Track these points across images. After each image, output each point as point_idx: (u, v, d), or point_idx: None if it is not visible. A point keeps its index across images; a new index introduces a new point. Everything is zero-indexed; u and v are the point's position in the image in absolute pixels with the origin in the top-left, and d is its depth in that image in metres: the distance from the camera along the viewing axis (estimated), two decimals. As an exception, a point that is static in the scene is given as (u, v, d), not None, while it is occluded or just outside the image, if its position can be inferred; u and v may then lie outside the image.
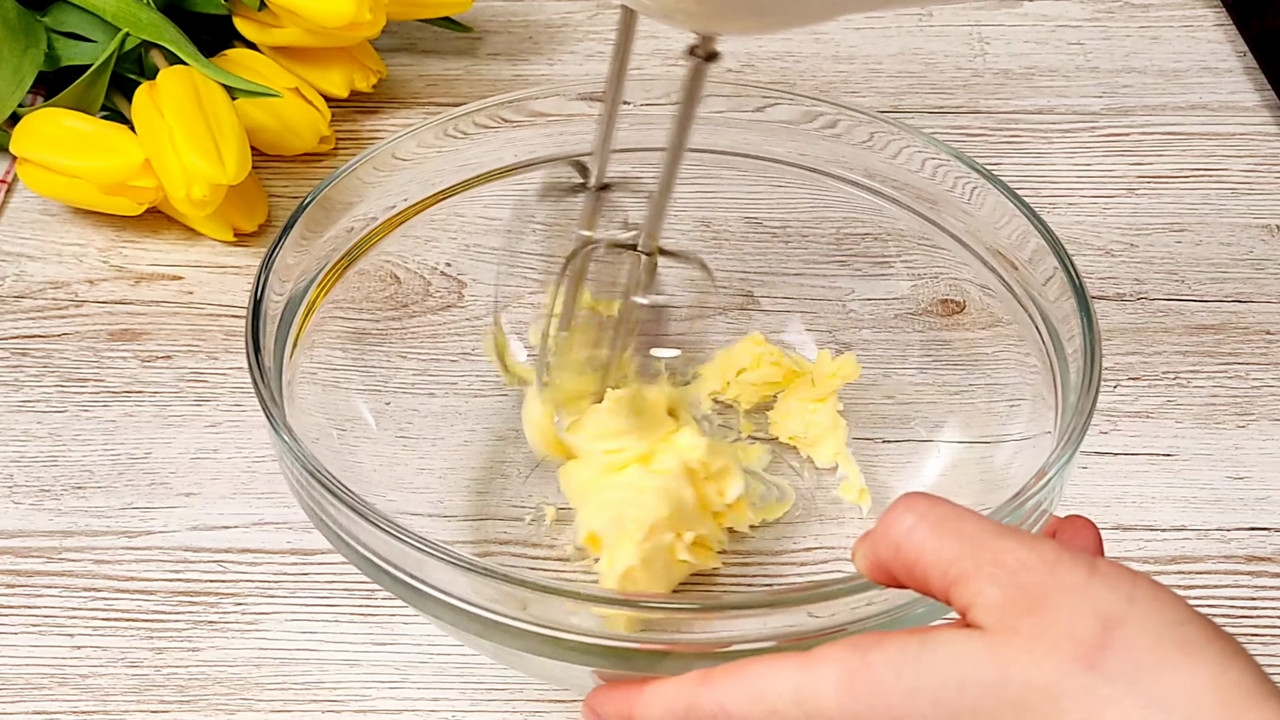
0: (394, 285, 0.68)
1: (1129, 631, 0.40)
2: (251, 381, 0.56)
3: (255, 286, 0.58)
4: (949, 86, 0.92)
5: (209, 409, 0.73)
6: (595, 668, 0.51)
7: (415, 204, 0.66)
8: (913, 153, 0.66)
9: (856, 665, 0.43)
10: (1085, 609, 0.41)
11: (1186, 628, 0.41)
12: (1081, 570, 0.42)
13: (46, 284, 0.79)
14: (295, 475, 0.54)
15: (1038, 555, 0.42)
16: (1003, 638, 0.41)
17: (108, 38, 0.83)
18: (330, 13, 0.81)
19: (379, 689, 0.63)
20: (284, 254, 0.60)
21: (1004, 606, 0.41)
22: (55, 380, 0.74)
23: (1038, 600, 0.41)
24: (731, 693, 0.46)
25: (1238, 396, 0.74)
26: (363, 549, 0.53)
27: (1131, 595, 0.41)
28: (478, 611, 0.50)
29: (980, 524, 0.43)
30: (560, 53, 0.94)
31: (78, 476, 0.70)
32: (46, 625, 0.64)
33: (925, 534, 0.43)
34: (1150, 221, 0.83)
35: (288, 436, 0.54)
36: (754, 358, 0.69)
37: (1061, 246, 0.60)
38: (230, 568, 0.67)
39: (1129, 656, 0.40)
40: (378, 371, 0.67)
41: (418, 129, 0.65)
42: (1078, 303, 0.58)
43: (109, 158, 0.78)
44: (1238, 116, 0.90)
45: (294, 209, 0.61)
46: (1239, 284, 0.80)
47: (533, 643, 0.50)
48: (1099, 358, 0.56)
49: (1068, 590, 0.41)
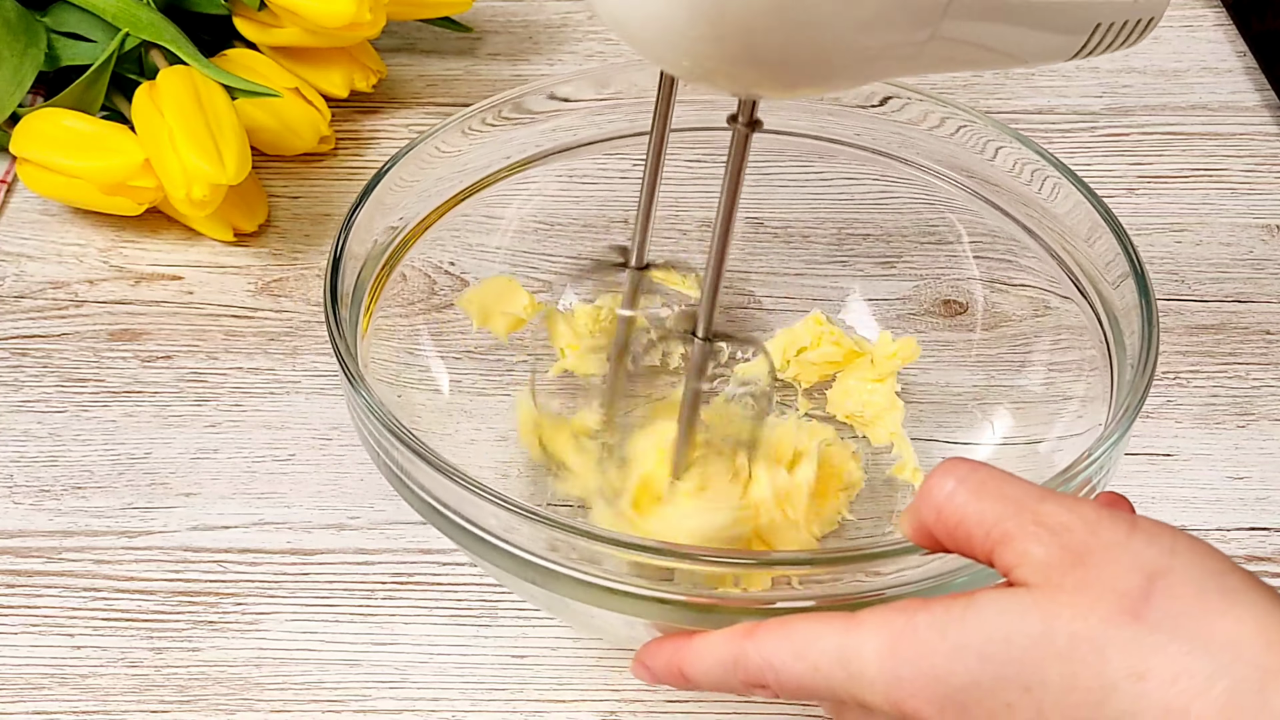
0: (401, 283, 0.67)
1: (1171, 581, 0.41)
2: (331, 344, 0.56)
3: (335, 244, 0.59)
4: (949, 86, 0.92)
5: (209, 409, 0.73)
6: (644, 618, 0.52)
7: (446, 201, 0.67)
8: (983, 141, 0.66)
9: (901, 627, 0.44)
10: (1128, 562, 0.41)
11: (1228, 576, 0.42)
12: (1122, 527, 0.42)
13: (46, 284, 0.79)
14: (369, 428, 0.55)
15: (1079, 516, 0.43)
16: (1048, 593, 0.42)
17: (108, 38, 0.83)
18: (330, 13, 0.81)
19: (379, 689, 0.63)
20: (361, 219, 0.60)
21: (1048, 564, 0.42)
22: (55, 380, 0.74)
23: (1080, 557, 0.42)
24: (777, 648, 0.46)
25: (1238, 396, 0.74)
26: (432, 499, 0.54)
27: (1173, 548, 0.42)
28: (531, 558, 0.51)
29: (1021, 486, 0.44)
30: (560, 53, 0.94)
31: (78, 476, 0.70)
32: (46, 625, 0.64)
33: (966, 497, 0.44)
34: (1150, 221, 0.83)
35: (365, 392, 0.54)
36: (815, 337, 0.69)
37: (1126, 234, 0.60)
38: (230, 568, 0.67)
39: (1173, 605, 0.41)
40: (388, 365, 0.67)
41: (446, 125, 0.65)
42: (1135, 280, 0.58)
43: (109, 158, 0.78)
44: (1238, 116, 0.90)
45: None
46: (1239, 284, 0.80)
47: (581, 590, 0.51)
48: (1157, 331, 0.56)
49: (1110, 546, 0.42)
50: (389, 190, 0.63)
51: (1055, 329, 0.65)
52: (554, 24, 0.96)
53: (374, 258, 0.63)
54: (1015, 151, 0.65)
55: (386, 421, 0.54)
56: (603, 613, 0.52)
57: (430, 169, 0.65)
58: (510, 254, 0.70)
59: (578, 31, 0.95)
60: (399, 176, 0.64)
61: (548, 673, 0.63)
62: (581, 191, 0.71)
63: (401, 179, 0.64)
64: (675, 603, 0.50)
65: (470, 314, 0.68)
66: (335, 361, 0.56)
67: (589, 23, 0.96)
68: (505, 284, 0.69)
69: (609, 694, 0.63)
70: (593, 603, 0.52)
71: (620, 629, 0.55)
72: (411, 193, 0.65)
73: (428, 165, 0.65)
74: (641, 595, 0.50)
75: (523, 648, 0.64)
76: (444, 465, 0.52)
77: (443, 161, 0.66)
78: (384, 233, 0.64)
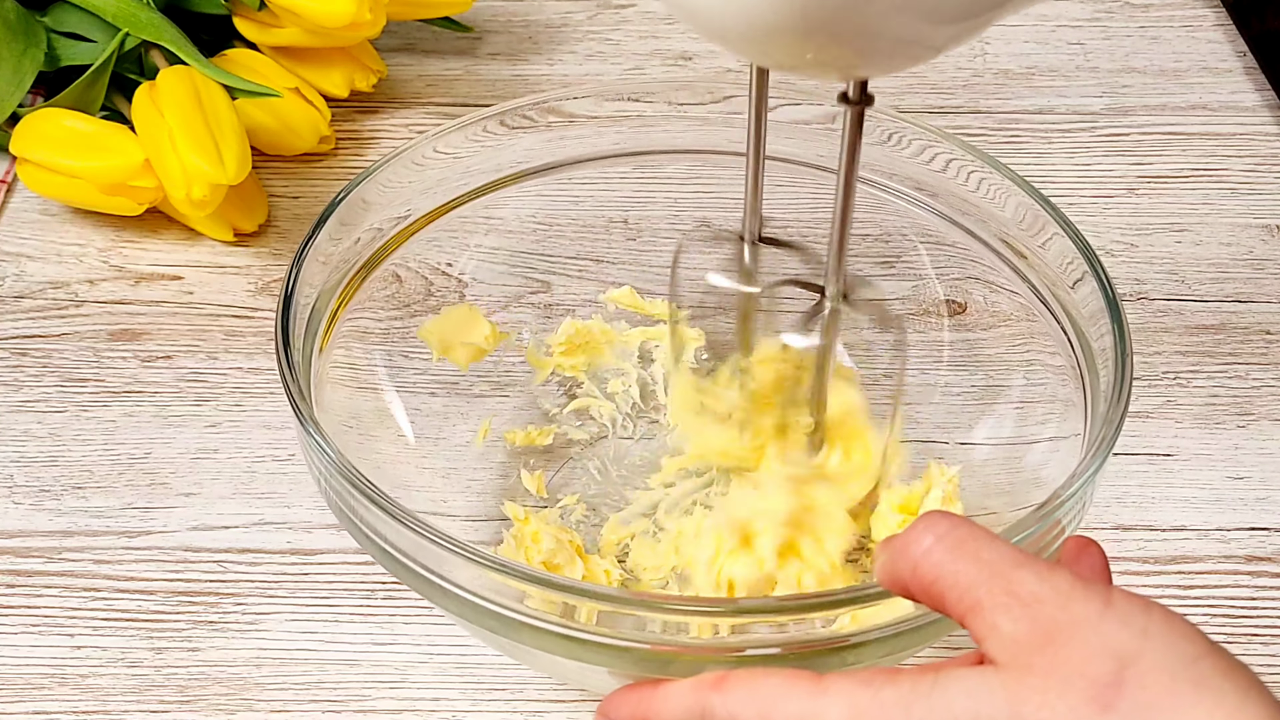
0: (395, 285, 0.67)
1: (1142, 669, 0.40)
2: (281, 378, 0.56)
3: (286, 284, 0.59)
4: (949, 86, 0.92)
5: (209, 409, 0.73)
6: (607, 668, 0.51)
7: (433, 210, 0.67)
8: (933, 151, 0.66)
9: (867, 702, 0.43)
10: (1098, 645, 0.41)
11: (1202, 663, 0.40)
12: (1095, 603, 0.41)
13: (46, 284, 0.79)
14: (322, 471, 0.55)
15: (1052, 587, 0.42)
16: (1016, 674, 0.41)
17: (108, 38, 0.83)
18: (330, 13, 0.81)
19: (379, 689, 0.63)
20: (312, 256, 0.60)
21: (1017, 641, 0.41)
22: (55, 380, 0.74)
23: (1050, 636, 0.41)
24: (744, 705, 0.46)
25: (1238, 396, 0.74)
26: (383, 542, 0.53)
27: (1145, 629, 0.41)
28: (491, 607, 0.51)
29: (997, 549, 0.43)
30: (560, 53, 0.94)
31: (78, 476, 0.70)
32: (46, 625, 0.64)
33: (942, 556, 0.44)
34: (1150, 221, 0.83)
35: (315, 432, 0.54)
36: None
37: (1091, 249, 0.60)
38: (230, 568, 0.67)
39: (1143, 696, 0.40)
40: (379, 371, 0.67)
41: (442, 131, 0.65)
42: (1107, 307, 0.58)
43: (109, 158, 0.78)
44: (1238, 116, 0.90)
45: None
46: (1239, 284, 0.80)
47: (543, 639, 0.51)
48: (1130, 368, 0.55)
49: (1081, 624, 0.41)
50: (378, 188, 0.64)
51: (1044, 334, 0.65)
52: (554, 24, 0.96)
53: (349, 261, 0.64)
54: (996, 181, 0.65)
55: (339, 465, 0.53)
56: (564, 660, 0.52)
57: (426, 170, 0.66)
58: (510, 254, 0.70)
59: (578, 31, 0.95)
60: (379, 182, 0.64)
61: (548, 673, 0.63)
62: (582, 193, 0.71)
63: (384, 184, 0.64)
64: (637, 651, 0.50)
65: (430, 345, 0.68)
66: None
67: (589, 22, 0.96)
68: (466, 313, 0.69)
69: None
70: (553, 651, 0.51)
71: (588, 678, 0.55)
72: (407, 192, 0.65)
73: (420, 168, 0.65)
74: (605, 644, 0.50)
75: (522, 648, 0.64)
76: (400, 512, 0.52)
77: (439, 163, 0.66)
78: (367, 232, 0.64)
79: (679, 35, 0.94)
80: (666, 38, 0.94)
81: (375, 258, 0.65)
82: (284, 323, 0.57)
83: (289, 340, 0.57)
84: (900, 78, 0.92)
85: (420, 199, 0.66)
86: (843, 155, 0.51)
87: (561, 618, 0.50)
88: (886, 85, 0.91)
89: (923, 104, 0.90)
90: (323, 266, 0.62)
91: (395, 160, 0.64)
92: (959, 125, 0.89)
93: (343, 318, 0.64)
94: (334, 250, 0.63)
